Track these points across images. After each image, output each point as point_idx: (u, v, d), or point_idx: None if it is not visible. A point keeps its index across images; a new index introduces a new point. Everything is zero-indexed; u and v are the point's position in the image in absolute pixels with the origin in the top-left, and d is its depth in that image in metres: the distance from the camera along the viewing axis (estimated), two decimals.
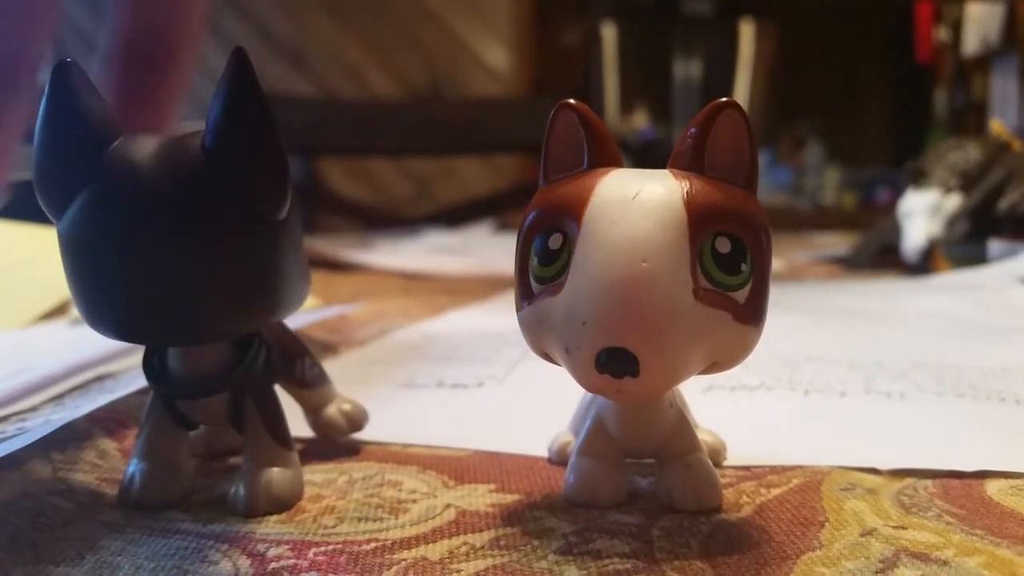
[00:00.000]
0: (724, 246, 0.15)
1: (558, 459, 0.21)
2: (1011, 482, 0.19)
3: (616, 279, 0.15)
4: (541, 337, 0.16)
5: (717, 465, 0.20)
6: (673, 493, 0.18)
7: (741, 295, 0.16)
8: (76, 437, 0.22)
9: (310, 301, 0.47)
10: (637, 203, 0.15)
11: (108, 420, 0.24)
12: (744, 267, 0.16)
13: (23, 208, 0.64)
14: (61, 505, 0.18)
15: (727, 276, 0.15)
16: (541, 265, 0.16)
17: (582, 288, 0.15)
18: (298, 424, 0.24)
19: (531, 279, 0.16)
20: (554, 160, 0.17)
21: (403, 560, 0.16)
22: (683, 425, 0.18)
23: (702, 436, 0.19)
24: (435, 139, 1.30)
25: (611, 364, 0.15)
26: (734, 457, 0.21)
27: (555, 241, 0.16)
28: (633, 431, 0.18)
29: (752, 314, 0.16)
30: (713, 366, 0.16)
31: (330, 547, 0.16)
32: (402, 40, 1.62)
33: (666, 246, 0.15)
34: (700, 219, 0.15)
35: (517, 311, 0.17)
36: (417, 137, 1.30)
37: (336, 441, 0.23)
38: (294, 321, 0.37)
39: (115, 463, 0.22)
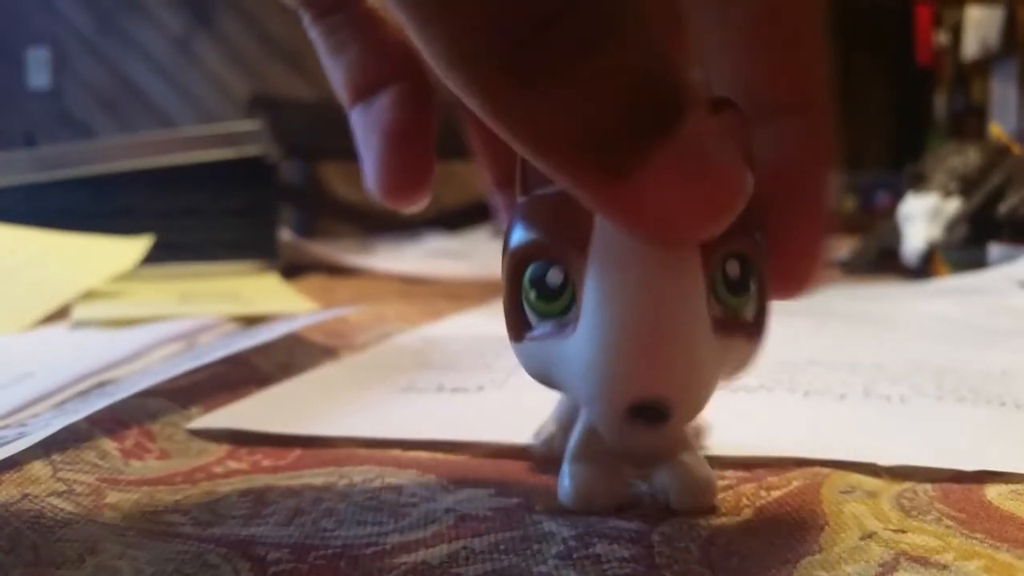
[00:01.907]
0: (734, 269, 0.15)
1: (543, 452, 0.20)
2: (1011, 486, 0.19)
3: (639, 328, 0.14)
4: (549, 374, 0.16)
5: (704, 447, 0.20)
6: (671, 494, 0.18)
7: (749, 312, 0.15)
8: (76, 438, 0.22)
9: (309, 305, 0.47)
10: None
11: (108, 421, 0.24)
12: (752, 284, 0.15)
13: (23, 210, 0.65)
14: (61, 506, 0.18)
15: (737, 299, 0.15)
16: (541, 300, 0.15)
17: (602, 337, 0.14)
18: (298, 426, 0.24)
19: (527, 310, 0.16)
20: (535, 169, 0.14)
21: (403, 564, 0.16)
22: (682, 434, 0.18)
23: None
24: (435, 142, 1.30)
25: (644, 416, 0.14)
26: (734, 458, 0.21)
27: (555, 276, 0.15)
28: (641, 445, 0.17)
29: (759, 328, 0.16)
30: (722, 385, 0.16)
31: (330, 551, 0.16)
32: None
33: (683, 282, 0.14)
34: (711, 245, 0.14)
35: (513, 340, 0.16)
36: None
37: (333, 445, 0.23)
38: (294, 324, 0.37)
39: (115, 463, 0.22)
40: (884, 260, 0.70)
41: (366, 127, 0.19)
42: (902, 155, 1.73)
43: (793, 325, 0.42)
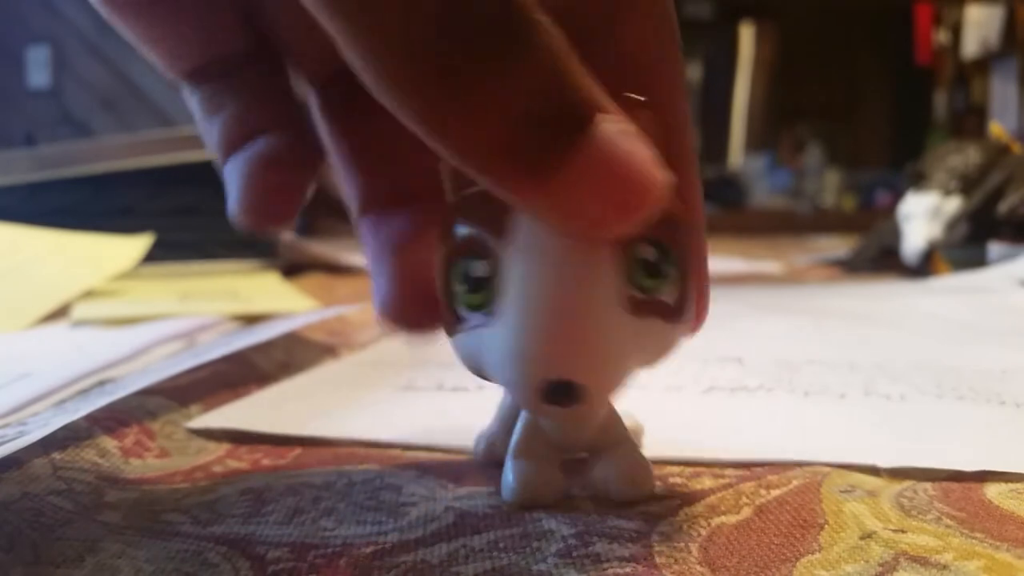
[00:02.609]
0: (649, 252, 0.15)
1: (486, 458, 0.21)
2: (1011, 485, 0.19)
3: (551, 311, 0.15)
4: (480, 365, 0.16)
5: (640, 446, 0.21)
6: (609, 484, 0.18)
7: (668, 295, 0.16)
8: (76, 436, 0.22)
9: (309, 303, 0.47)
10: None
11: (108, 419, 0.24)
12: (670, 269, 0.16)
13: (23, 209, 0.65)
14: (61, 505, 0.18)
15: (653, 281, 0.16)
16: (469, 292, 0.16)
17: (516, 321, 0.15)
18: (298, 425, 0.24)
19: (458, 305, 0.16)
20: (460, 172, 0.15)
21: (403, 563, 0.16)
22: (613, 418, 0.19)
23: (624, 421, 0.20)
24: None
25: (557, 396, 0.15)
26: (733, 453, 0.21)
27: (480, 268, 0.16)
28: (570, 428, 0.18)
29: (680, 312, 0.16)
30: (645, 367, 0.16)
31: (329, 550, 0.16)
32: None
33: (592, 267, 0.15)
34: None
35: (448, 334, 0.17)
36: None
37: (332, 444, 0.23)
38: (294, 323, 0.37)
39: (115, 462, 0.22)
40: (884, 259, 0.70)
41: (239, 172, 0.19)
42: (902, 154, 1.73)
43: (793, 324, 0.42)
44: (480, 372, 0.17)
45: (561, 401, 0.15)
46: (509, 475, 0.18)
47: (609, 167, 0.13)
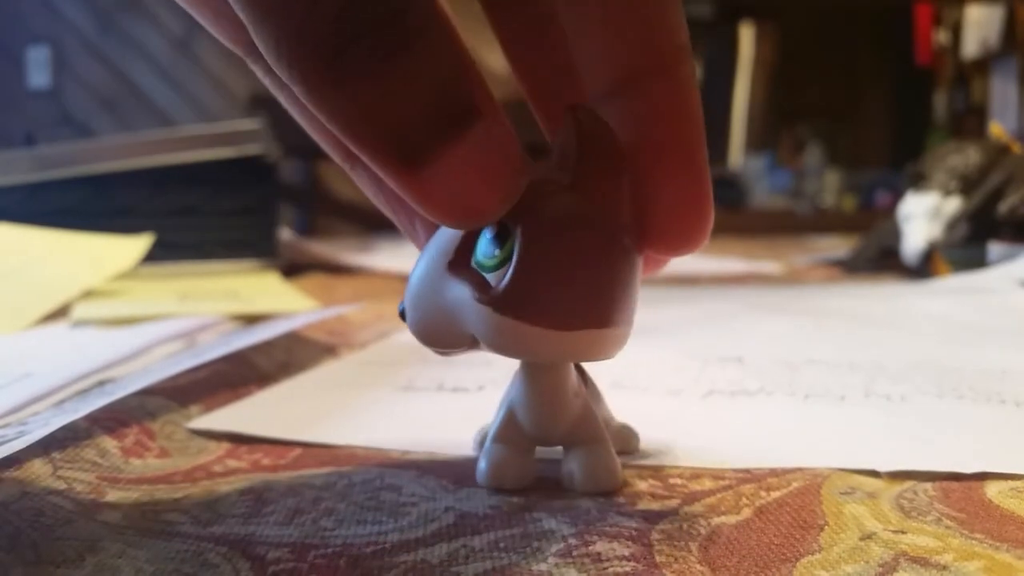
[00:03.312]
0: (491, 230, 0.17)
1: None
2: (1011, 484, 0.19)
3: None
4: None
5: (630, 452, 0.22)
6: (575, 477, 0.19)
7: (495, 278, 0.17)
8: (76, 436, 0.22)
9: (309, 303, 0.47)
10: None
11: (108, 419, 0.24)
12: (497, 252, 0.16)
13: (23, 209, 0.64)
14: (61, 505, 0.18)
15: (483, 257, 0.17)
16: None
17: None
18: (298, 427, 0.24)
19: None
20: None
21: (403, 563, 0.16)
22: (588, 416, 0.19)
23: (616, 427, 0.21)
24: None
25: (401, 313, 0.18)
26: (734, 459, 0.21)
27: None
28: (542, 419, 0.19)
29: (506, 302, 0.16)
30: (476, 342, 0.17)
31: (330, 550, 0.16)
32: None
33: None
34: None
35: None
36: None
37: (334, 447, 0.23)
38: (294, 323, 0.37)
39: (115, 461, 0.22)
40: (884, 259, 0.70)
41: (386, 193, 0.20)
42: (902, 154, 1.73)
43: (793, 325, 0.42)
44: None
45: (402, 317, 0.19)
46: (483, 459, 0.20)
47: (472, 170, 0.14)
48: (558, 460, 0.20)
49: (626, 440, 0.22)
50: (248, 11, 0.14)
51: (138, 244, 0.56)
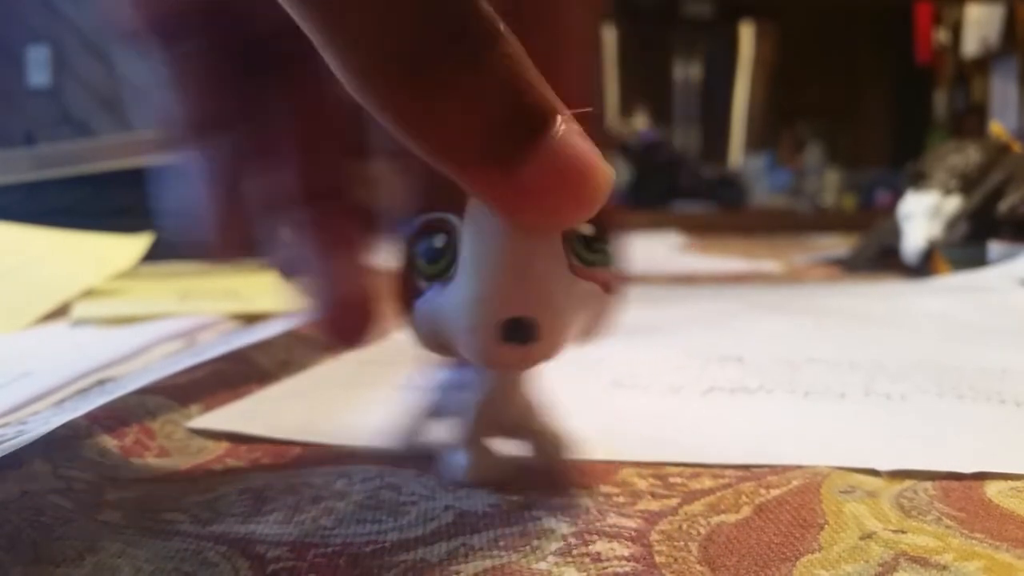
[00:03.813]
0: (588, 229, 0.17)
1: (412, 447, 0.22)
2: (1011, 484, 0.19)
3: (508, 260, 0.16)
4: (436, 328, 0.18)
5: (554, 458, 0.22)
6: (548, 451, 0.20)
7: (604, 272, 0.18)
8: (76, 435, 0.22)
9: None
10: None
11: (108, 418, 0.24)
12: (604, 247, 0.17)
13: (23, 208, 0.64)
14: (61, 504, 0.18)
15: (591, 255, 0.17)
16: (429, 263, 0.18)
17: (476, 273, 0.17)
18: (298, 426, 0.24)
19: (418, 279, 0.18)
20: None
21: (402, 562, 0.16)
22: (540, 405, 0.20)
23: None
24: None
25: (515, 332, 0.16)
26: (734, 455, 0.21)
27: (439, 240, 0.17)
28: (506, 414, 0.20)
29: (615, 284, 0.18)
30: (585, 335, 0.18)
31: (329, 549, 0.16)
32: None
33: (544, 232, 0.17)
34: None
35: (404, 311, 0.19)
36: None
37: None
38: (293, 321, 0.37)
39: (115, 460, 0.22)
40: (884, 258, 0.70)
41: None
42: (902, 153, 1.73)
43: (793, 324, 0.42)
44: (436, 339, 0.18)
45: (519, 337, 0.16)
46: (462, 459, 0.20)
47: (566, 165, 0.14)
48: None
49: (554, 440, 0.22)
50: (322, 35, 0.14)
51: (138, 243, 0.56)
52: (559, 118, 0.15)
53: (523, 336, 0.16)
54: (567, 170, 0.15)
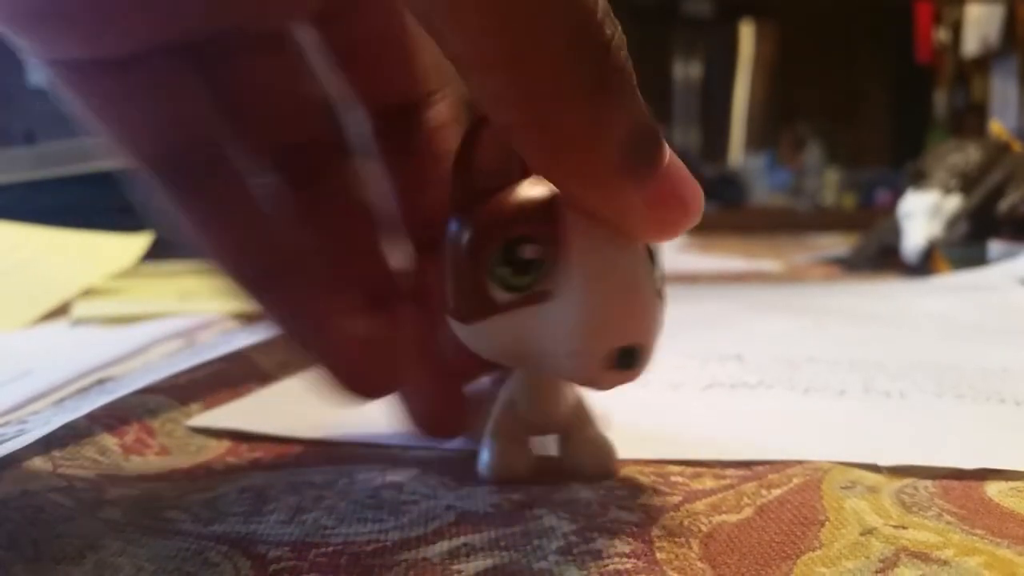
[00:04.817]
0: (651, 247, 0.18)
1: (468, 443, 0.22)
2: (1011, 483, 0.19)
3: (621, 284, 0.17)
4: (521, 343, 0.17)
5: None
6: (578, 462, 0.20)
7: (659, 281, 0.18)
8: (76, 434, 0.22)
9: None
10: None
11: (108, 417, 0.24)
12: (660, 266, 0.18)
13: (23, 207, 0.64)
14: (61, 502, 0.18)
15: (655, 270, 0.18)
16: (516, 275, 0.17)
17: (591, 298, 0.17)
18: (299, 425, 0.24)
19: (494, 289, 0.17)
20: (480, 172, 0.18)
21: (404, 561, 0.16)
22: (582, 403, 0.20)
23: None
24: None
25: (628, 361, 0.17)
26: (734, 452, 0.21)
27: (530, 251, 0.17)
28: (543, 411, 0.20)
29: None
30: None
31: (331, 548, 0.16)
32: None
33: (640, 254, 0.17)
34: None
35: (474, 319, 0.18)
36: None
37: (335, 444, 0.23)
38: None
39: (116, 459, 0.22)
40: (884, 257, 0.70)
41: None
42: (902, 152, 1.73)
43: (793, 323, 0.42)
44: (514, 353, 0.18)
45: (628, 364, 0.17)
46: (485, 453, 0.20)
47: (680, 180, 0.16)
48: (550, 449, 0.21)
49: (602, 421, 0.22)
50: (498, 75, 0.15)
51: (138, 242, 0.56)
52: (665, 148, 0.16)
53: (632, 363, 0.17)
54: (682, 185, 0.16)
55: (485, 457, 0.20)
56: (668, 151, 0.16)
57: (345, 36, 0.21)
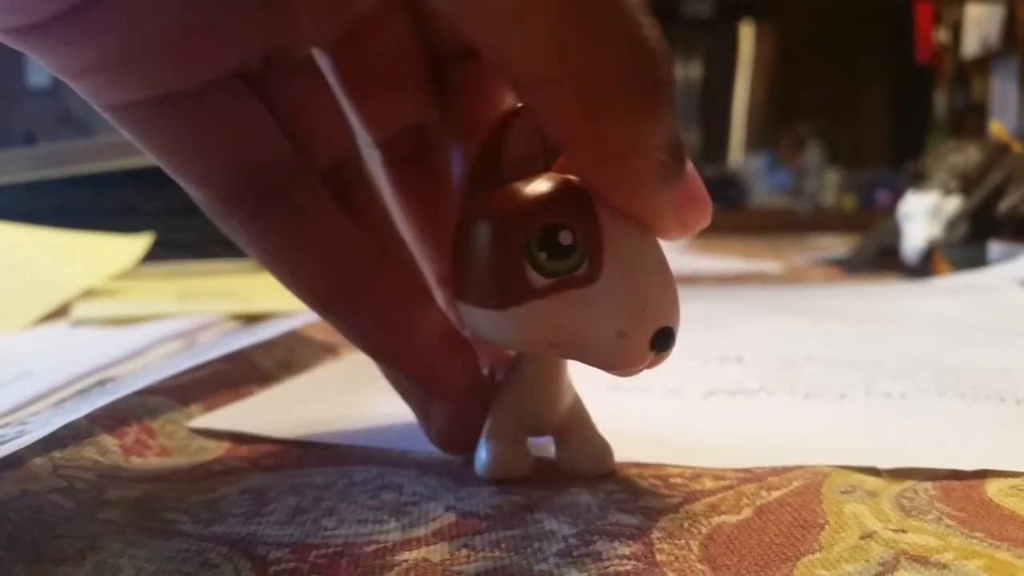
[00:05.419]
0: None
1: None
2: (1011, 482, 0.19)
3: (659, 266, 0.18)
4: (561, 328, 0.17)
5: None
6: (576, 462, 0.20)
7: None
8: (76, 434, 0.22)
9: None
10: None
11: (108, 418, 0.24)
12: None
13: (23, 208, 0.64)
14: (61, 503, 0.18)
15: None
16: (553, 259, 0.17)
17: (634, 276, 0.17)
18: (299, 427, 0.24)
19: (532, 274, 0.17)
20: (509, 162, 0.18)
21: (404, 562, 0.16)
22: (579, 405, 0.20)
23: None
24: None
25: (664, 341, 0.18)
26: (735, 458, 0.21)
27: (567, 237, 0.17)
28: (539, 411, 0.20)
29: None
30: None
31: (331, 549, 0.16)
32: None
33: (660, 244, 0.18)
34: None
35: (505, 306, 0.18)
36: None
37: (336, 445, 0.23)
38: (294, 322, 0.37)
39: (116, 460, 0.22)
40: (884, 258, 0.70)
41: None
42: (902, 153, 1.73)
43: (793, 324, 0.42)
44: (550, 338, 0.18)
45: (664, 345, 0.18)
46: (483, 453, 0.20)
47: (697, 183, 0.18)
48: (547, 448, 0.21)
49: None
50: (547, 76, 0.16)
51: (138, 243, 0.56)
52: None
53: (666, 344, 0.18)
54: (700, 188, 0.18)
55: (483, 457, 0.20)
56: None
57: (358, 62, 0.21)
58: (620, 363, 0.18)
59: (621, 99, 0.16)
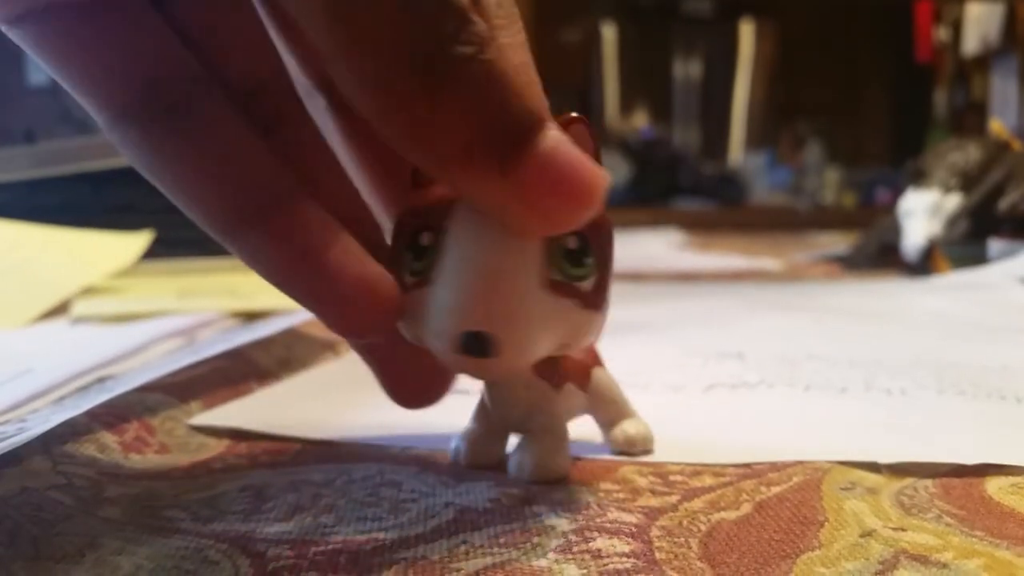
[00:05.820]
0: (572, 243, 0.18)
1: (466, 460, 0.22)
2: (1011, 480, 0.19)
3: (477, 272, 0.17)
4: (416, 325, 0.18)
5: (635, 453, 0.22)
6: (523, 464, 0.20)
7: (587, 284, 0.18)
8: (76, 432, 0.22)
9: None
10: None
11: (107, 415, 0.24)
12: (590, 260, 0.18)
13: (23, 206, 0.64)
14: (61, 500, 0.18)
15: (574, 269, 0.18)
16: (416, 260, 0.18)
17: (447, 281, 0.17)
18: (298, 424, 0.24)
19: (404, 275, 0.18)
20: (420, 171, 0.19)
21: (403, 559, 0.16)
22: (545, 406, 0.20)
23: (626, 426, 0.22)
24: None
25: (470, 346, 0.17)
26: (735, 454, 0.21)
27: (425, 239, 0.18)
28: (498, 408, 0.21)
29: (597, 299, 0.18)
30: (564, 347, 0.18)
31: (330, 546, 0.16)
32: None
33: (522, 244, 0.17)
34: None
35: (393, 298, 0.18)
36: None
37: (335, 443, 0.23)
38: (293, 319, 0.37)
39: (115, 457, 0.22)
40: (884, 256, 0.70)
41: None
42: (902, 151, 1.73)
43: (793, 321, 0.42)
44: (415, 334, 0.18)
45: (476, 351, 0.17)
46: (457, 438, 0.21)
47: (560, 167, 0.15)
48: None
49: (631, 443, 0.22)
50: (334, 41, 0.15)
51: (137, 241, 0.56)
52: (548, 124, 0.15)
53: (480, 350, 0.17)
54: (561, 173, 0.15)
55: (455, 442, 0.21)
56: (552, 139, 0.15)
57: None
58: (445, 362, 0.18)
59: (396, 76, 0.15)
